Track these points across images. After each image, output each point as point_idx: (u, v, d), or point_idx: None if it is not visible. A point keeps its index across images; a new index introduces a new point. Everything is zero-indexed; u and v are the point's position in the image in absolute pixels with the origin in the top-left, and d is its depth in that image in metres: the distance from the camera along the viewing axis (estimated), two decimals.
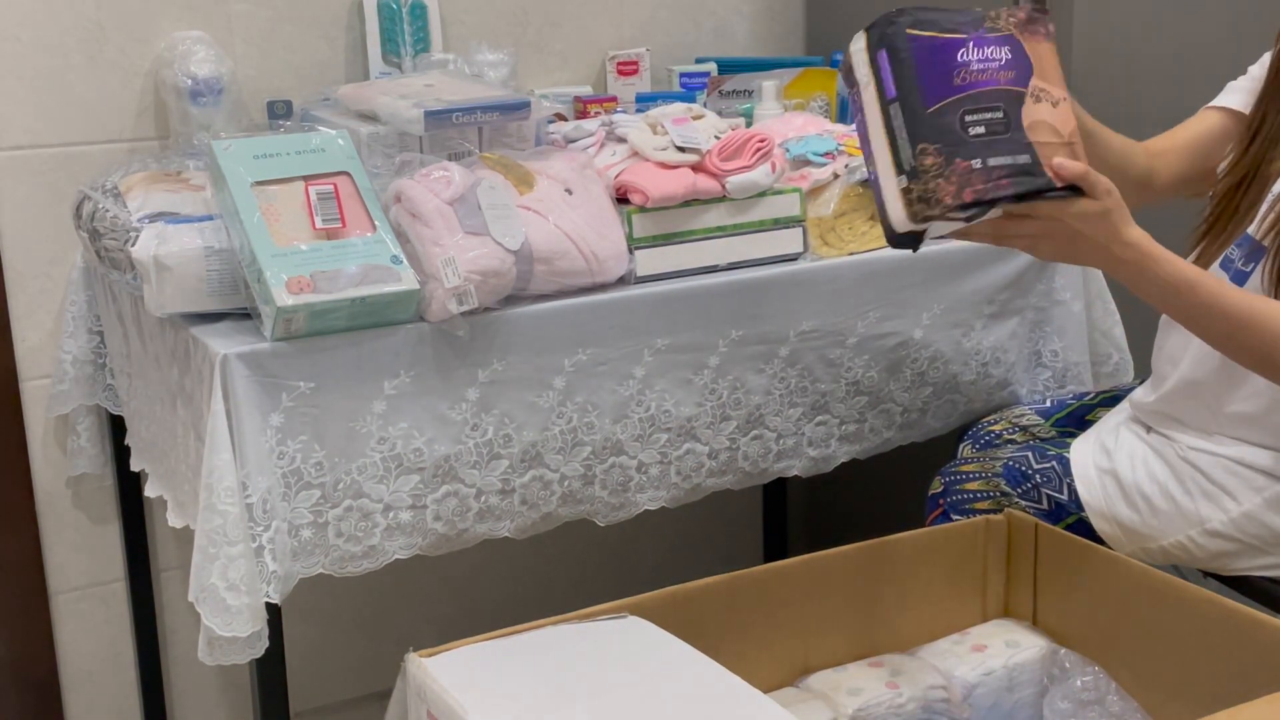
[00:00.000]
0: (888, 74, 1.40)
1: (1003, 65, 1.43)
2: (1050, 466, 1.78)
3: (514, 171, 1.72)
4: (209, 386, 1.54)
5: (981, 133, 1.39)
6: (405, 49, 2.19)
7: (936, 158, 1.37)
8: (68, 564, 2.19)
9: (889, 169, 1.40)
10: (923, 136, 1.38)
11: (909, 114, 1.39)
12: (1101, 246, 1.46)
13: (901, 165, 1.39)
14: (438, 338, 1.63)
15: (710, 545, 2.71)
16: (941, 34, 1.42)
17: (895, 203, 1.40)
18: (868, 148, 1.44)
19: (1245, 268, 1.59)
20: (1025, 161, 1.40)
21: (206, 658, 1.55)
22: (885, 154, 1.40)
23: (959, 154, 1.38)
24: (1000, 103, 1.42)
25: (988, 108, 1.41)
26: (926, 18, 1.42)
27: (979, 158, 1.38)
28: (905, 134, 1.39)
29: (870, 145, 1.43)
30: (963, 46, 1.41)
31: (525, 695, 1.30)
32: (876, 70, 1.41)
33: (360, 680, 2.44)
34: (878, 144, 1.42)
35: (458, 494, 1.67)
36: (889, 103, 1.40)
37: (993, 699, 1.63)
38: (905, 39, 1.40)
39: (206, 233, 1.61)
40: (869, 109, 1.43)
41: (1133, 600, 1.58)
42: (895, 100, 1.39)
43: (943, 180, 1.37)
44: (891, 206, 1.41)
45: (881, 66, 1.40)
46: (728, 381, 1.82)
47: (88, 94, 2.07)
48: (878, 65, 1.41)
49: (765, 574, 1.61)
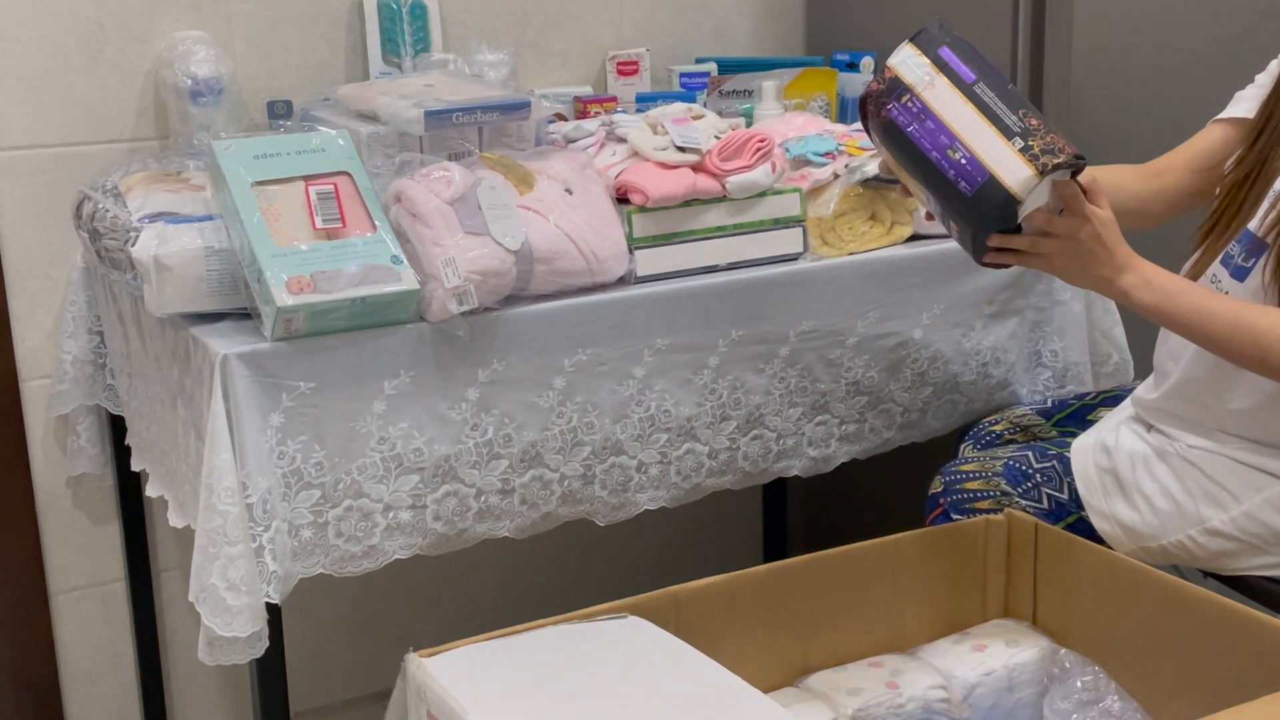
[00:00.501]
0: (959, 63, 1.51)
1: None
2: (1050, 466, 1.78)
3: (514, 171, 1.73)
4: (209, 386, 1.54)
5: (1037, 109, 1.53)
6: (405, 49, 2.19)
7: (1037, 119, 1.49)
8: (68, 564, 2.19)
9: (996, 139, 1.48)
10: (1018, 104, 1.50)
11: (997, 89, 1.50)
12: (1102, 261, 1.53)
13: (1011, 130, 1.48)
14: (438, 338, 1.63)
15: (710, 545, 2.72)
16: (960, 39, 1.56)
17: (1015, 164, 1.47)
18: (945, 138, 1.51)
19: (1245, 263, 1.59)
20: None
21: (206, 658, 1.55)
22: (986, 128, 1.49)
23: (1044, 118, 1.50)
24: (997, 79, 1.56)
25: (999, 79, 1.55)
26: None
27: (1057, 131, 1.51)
28: (1003, 105, 1.49)
29: (953, 132, 1.50)
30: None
31: (525, 695, 1.30)
32: (943, 65, 1.52)
33: (360, 680, 2.44)
34: (970, 124, 1.50)
35: (458, 494, 1.67)
36: (971, 85, 1.51)
37: (993, 699, 1.63)
38: (957, 37, 1.53)
39: (206, 233, 1.61)
40: (943, 101, 1.51)
41: (1133, 600, 1.58)
42: (978, 81, 1.51)
43: (1054, 134, 1.48)
44: (1011, 169, 1.47)
45: (949, 60, 1.52)
46: (728, 381, 1.82)
47: (88, 94, 2.07)
48: (943, 60, 1.52)
49: (765, 574, 1.61)
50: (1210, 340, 1.54)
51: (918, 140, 1.52)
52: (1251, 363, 1.53)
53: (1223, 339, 1.53)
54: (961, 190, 1.50)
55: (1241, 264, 1.60)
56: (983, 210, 1.50)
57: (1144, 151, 1.92)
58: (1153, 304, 1.55)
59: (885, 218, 1.93)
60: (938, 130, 1.51)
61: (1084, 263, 1.54)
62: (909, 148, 1.54)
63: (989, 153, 1.49)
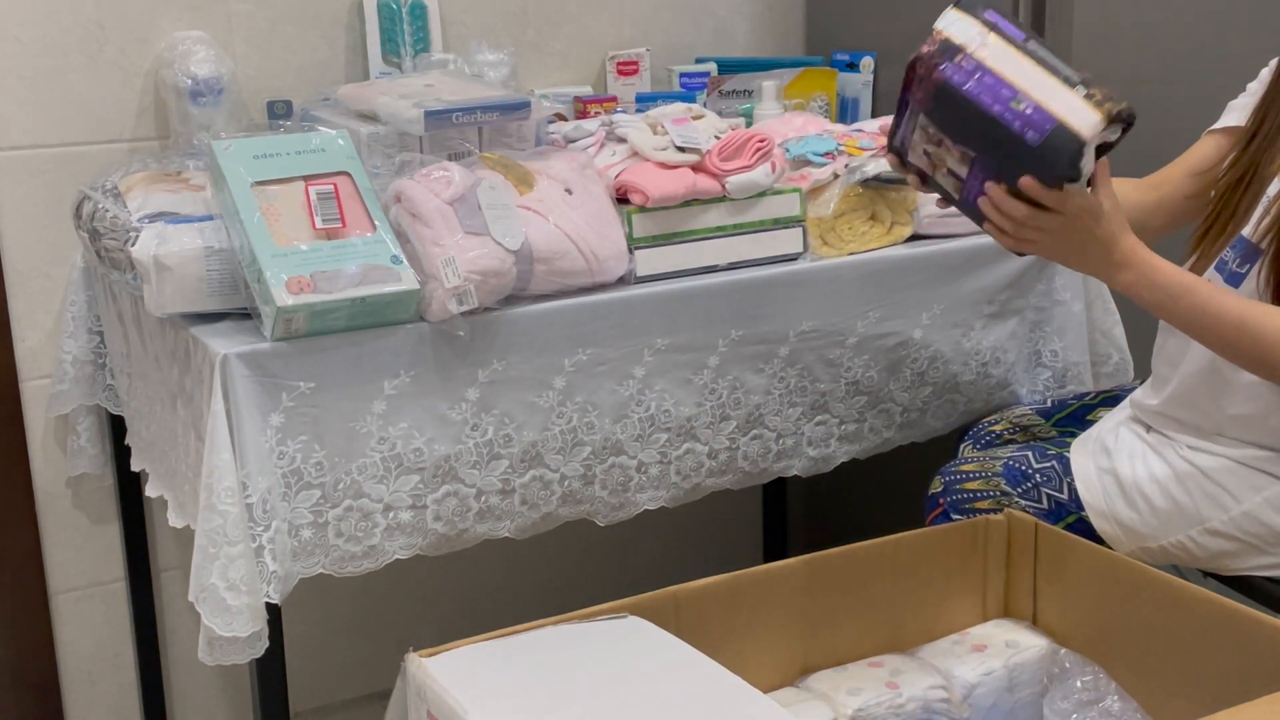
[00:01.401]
0: (1007, 24, 1.52)
1: None
2: (1050, 466, 1.78)
3: (514, 171, 1.73)
4: (209, 386, 1.54)
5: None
6: (405, 49, 2.19)
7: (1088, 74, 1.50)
8: (68, 564, 2.19)
9: (1059, 89, 1.49)
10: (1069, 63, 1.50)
11: (1046, 47, 1.51)
12: (1103, 252, 1.52)
13: (1072, 80, 1.49)
14: (438, 338, 1.63)
15: (710, 545, 2.71)
16: None
17: (1082, 109, 1.48)
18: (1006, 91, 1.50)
19: (1240, 269, 1.59)
20: None
21: (206, 658, 1.55)
22: (1048, 79, 1.50)
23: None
24: None
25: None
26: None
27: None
28: (1056, 59, 1.51)
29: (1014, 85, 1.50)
30: None
31: (525, 695, 1.30)
32: (993, 25, 1.53)
33: (360, 680, 2.44)
34: (1032, 77, 1.50)
35: (458, 494, 1.67)
36: (1025, 41, 1.52)
37: (993, 699, 1.63)
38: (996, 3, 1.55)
39: (206, 233, 1.61)
40: (998, 58, 1.52)
41: (1133, 600, 1.58)
42: (1030, 38, 1.52)
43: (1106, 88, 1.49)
44: (1078, 113, 1.48)
45: (997, 21, 1.53)
46: (727, 381, 1.82)
47: (88, 94, 2.07)
48: (992, 21, 1.53)
49: (765, 574, 1.61)
50: (1212, 340, 1.54)
51: (977, 96, 1.51)
52: (1251, 363, 1.53)
53: (1225, 340, 1.53)
54: (1029, 140, 1.49)
55: (1236, 270, 1.60)
56: (1049, 159, 1.49)
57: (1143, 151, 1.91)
58: (1154, 302, 1.54)
59: (885, 218, 1.93)
60: (998, 84, 1.51)
61: (1078, 256, 1.54)
62: (965, 107, 1.51)
63: (1055, 101, 1.48)
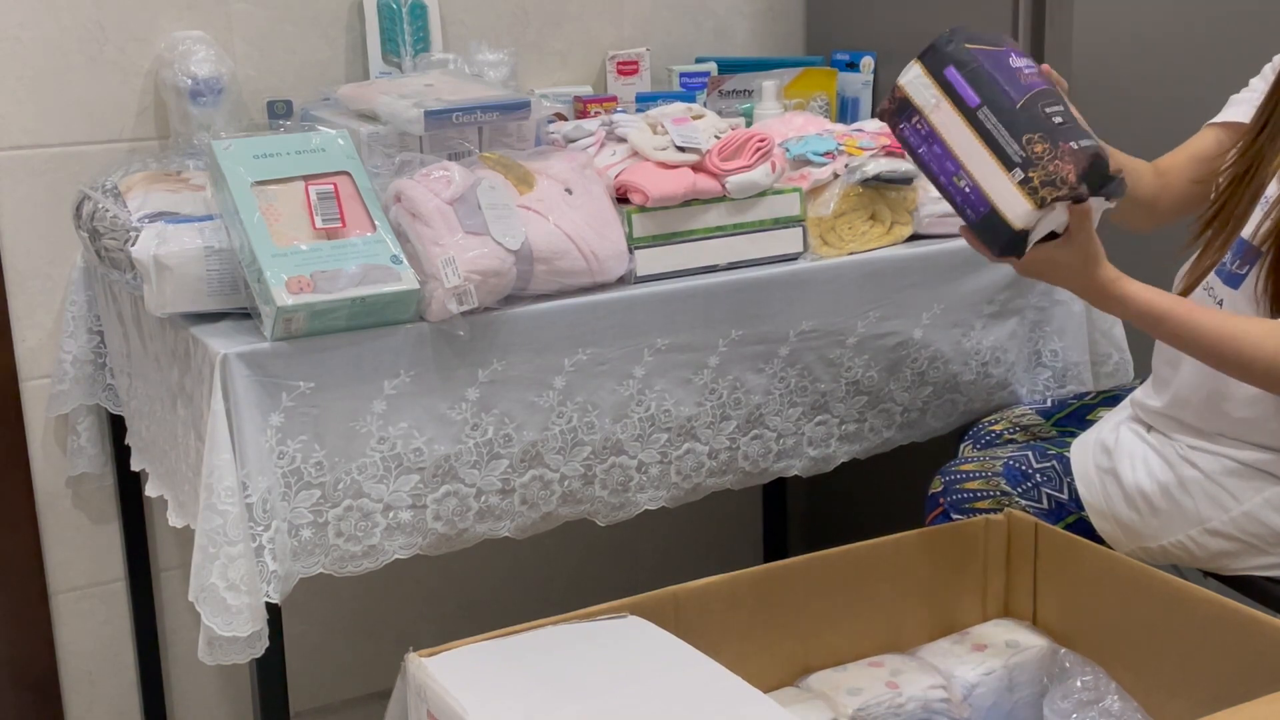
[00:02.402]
0: (964, 86, 1.48)
1: (1036, 72, 1.53)
2: (1050, 466, 1.78)
3: (514, 171, 1.73)
4: (209, 386, 1.54)
5: (1061, 121, 1.48)
6: (405, 49, 2.19)
7: (1044, 144, 1.45)
8: (68, 564, 2.19)
9: (997, 170, 1.47)
10: (1024, 129, 1.46)
11: (1001, 113, 1.47)
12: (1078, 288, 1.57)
13: (1011, 160, 1.46)
14: (438, 338, 1.63)
15: (710, 545, 2.71)
16: (991, 46, 1.51)
17: (1014, 197, 1.46)
18: (950, 165, 1.50)
19: (1239, 271, 1.60)
20: (1096, 144, 1.49)
21: (206, 657, 1.55)
22: (987, 158, 1.47)
23: (1059, 138, 1.46)
24: (1056, 99, 1.51)
25: (1052, 102, 1.50)
26: (972, 34, 1.52)
27: (1073, 140, 1.47)
28: (1005, 132, 1.46)
29: (958, 160, 1.49)
30: (1009, 55, 1.51)
31: (525, 695, 1.30)
32: (948, 87, 1.49)
33: (360, 680, 2.44)
34: (972, 153, 1.48)
35: (458, 494, 1.67)
36: (975, 110, 1.48)
37: (993, 699, 1.63)
38: (968, 52, 1.49)
39: (206, 233, 1.61)
40: (948, 126, 1.50)
41: (1133, 600, 1.58)
42: (981, 106, 1.47)
43: (1059, 161, 1.44)
44: (1010, 203, 1.47)
45: (954, 81, 1.48)
46: (728, 381, 1.82)
47: (88, 94, 2.07)
48: (948, 81, 1.49)
49: (765, 574, 1.61)
50: (1199, 356, 1.57)
51: (927, 163, 1.53)
52: (1238, 374, 1.56)
53: (1209, 356, 1.56)
54: (968, 218, 1.51)
55: (1235, 271, 1.60)
56: (986, 239, 1.51)
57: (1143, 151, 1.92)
58: (1141, 326, 1.59)
59: (885, 217, 1.93)
60: (944, 156, 1.50)
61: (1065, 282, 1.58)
62: (922, 167, 1.54)
63: (990, 184, 1.48)
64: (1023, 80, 1.50)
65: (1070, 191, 1.46)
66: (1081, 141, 1.48)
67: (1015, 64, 1.51)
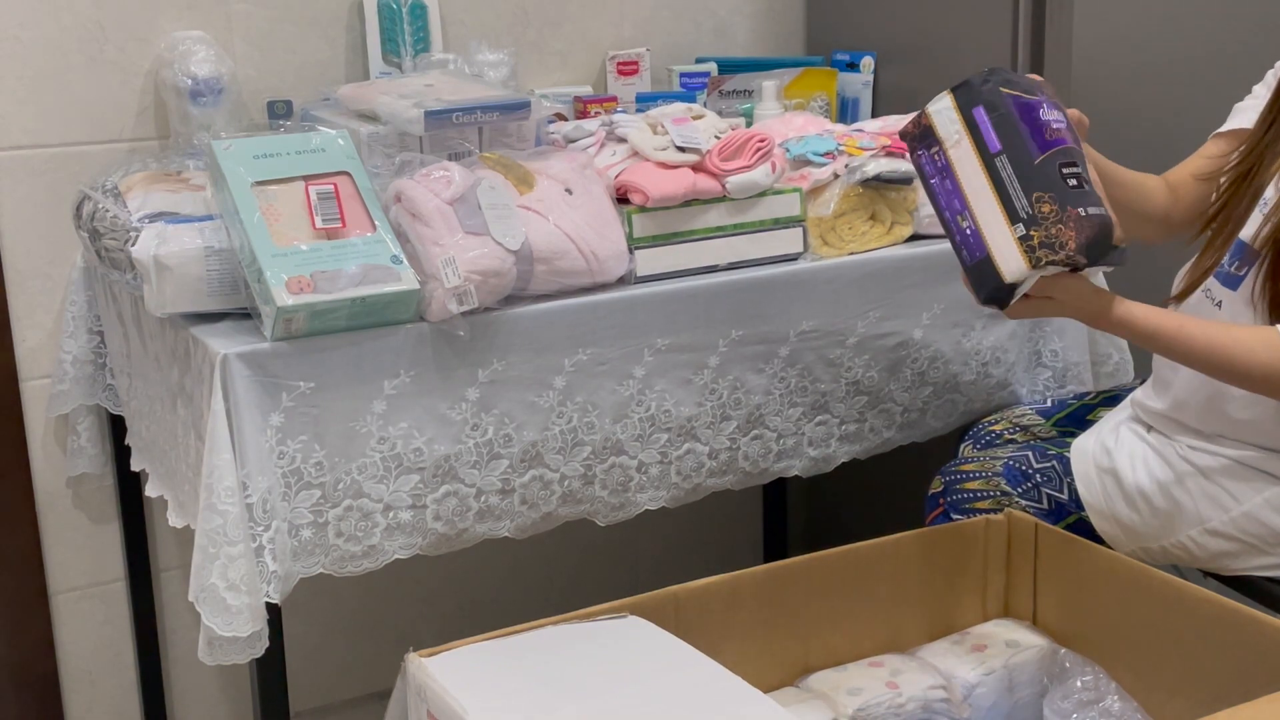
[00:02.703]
0: (989, 129, 1.47)
1: (1066, 126, 1.51)
2: (1050, 466, 1.78)
3: (514, 171, 1.73)
4: (209, 386, 1.54)
5: (1075, 184, 1.47)
6: (405, 49, 2.19)
7: (1052, 205, 1.44)
8: (68, 564, 2.19)
9: (1000, 220, 1.46)
10: (1036, 186, 1.44)
11: (1018, 165, 1.45)
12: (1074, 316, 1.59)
13: (1017, 214, 1.45)
14: (438, 338, 1.63)
15: (710, 545, 2.71)
16: (1026, 94, 1.50)
17: (1011, 251, 1.46)
18: (958, 203, 1.50)
19: (1238, 272, 1.60)
20: (1105, 214, 1.48)
21: (206, 658, 1.55)
22: (994, 205, 1.46)
23: (1069, 202, 1.45)
24: (1077, 159, 1.49)
25: (1072, 162, 1.48)
26: (1011, 78, 1.50)
27: (1083, 206, 1.46)
28: (1018, 184, 1.45)
29: (965, 199, 1.49)
30: (1040, 107, 1.50)
31: (525, 695, 1.30)
32: (973, 126, 1.48)
33: (360, 680, 2.44)
34: (981, 197, 1.47)
35: (458, 494, 1.67)
36: (995, 156, 1.46)
37: (993, 699, 1.63)
38: (1001, 96, 1.48)
39: (206, 233, 1.61)
40: (964, 165, 1.49)
41: (1133, 600, 1.58)
42: (1001, 153, 1.46)
43: (1063, 226, 1.44)
44: (1006, 256, 1.46)
45: (980, 122, 1.47)
46: (728, 381, 1.82)
47: (88, 94, 2.07)
48: (975, 121, 1.47)
49: (765, 574, 1.62)
50: (1196, 366, 1.58)
51: (937, 194, 1.52)
52: (1236, 382, 1.57)
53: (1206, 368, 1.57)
54: (963, 258, 1.51)
55: (1234, 273, 1.60)
56: (975, 283, 1.51)
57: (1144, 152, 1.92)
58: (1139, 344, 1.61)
59: (885, 218, 1.93)
60: (954, 192, 1.50)
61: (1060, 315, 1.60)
62: (931, 197, 1.54)
63: (991, 231, 1.47)
64: (1049, 135, 1.48)
65: (1066, 258, 1.45)
66: (1091, 210, 1.46)
67: (1045, 117, 1.49)
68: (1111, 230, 1.48)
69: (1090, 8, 2.05)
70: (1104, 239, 1.47)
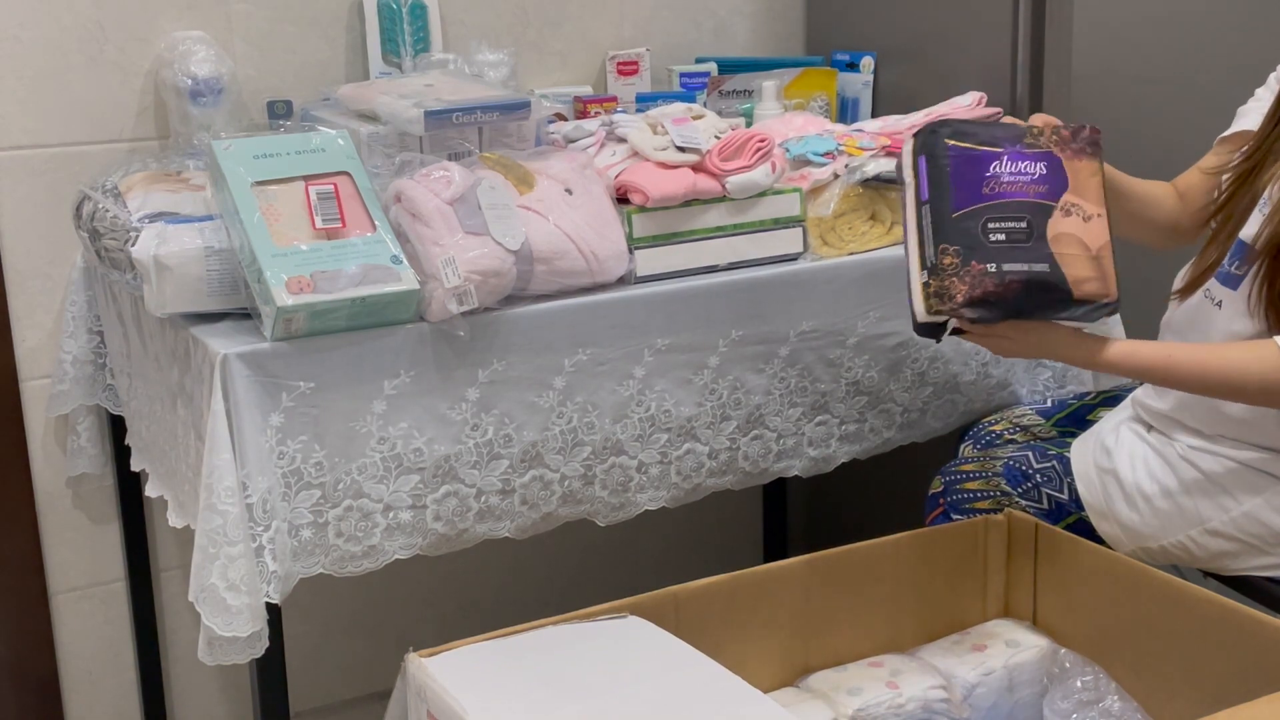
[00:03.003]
0: (924, 178, 1.54)
1: (1035, 179, 1.55)
2: (1050, 466, 1.78)
3: (514, 171, 1.73)
4: (209, 386, 1.54)
5: (1002, 240, 1.52)
6: (405, 49, 2.19)
7: (954, 258, 1.51)
8: (68, 564, 2.19)
9: (916, 264, 1.55)
10: (945, 238, 1.52)
11: (936, 216, 1.53)
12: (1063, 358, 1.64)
13: (925, 261, 1.53)
14: (438, 338, 1.63)
15: (710, 545, 2.71)
16: (978, 146, 1.55)
17: (918, 295, 1.55)
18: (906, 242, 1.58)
19: (1238, 272, 1.60)
20: (1043, 270, 1.52)
21: (206, 658, 1.55)
22: (915, 250, 1.55)
23: (975, 257, 1.51)
24: (1026, 214, 1.54)
25: (1012, 217, 1.53)
26: (967, 129, 1.57)
27: (994, 262, 1.51)
28: (930, 234, 1.53)
29: (906, 240, 1.58)
30: (996, 160, 1.54)
31: (525, 695, 1.30)
32: (916, 174, 1.55)
33: (360, 680, 2.44)
34: (910, 240, 1.56)
35: (458, 494, 1.67)
36: (922, 204, 1.55)
37: (993, 699, 1.63)
38: (944, 148, 1.54)
39: (206, 233, 1.61)
40: (906, 206, 1.58)
41: (1133, 600, 1.58)
42: (927, 203, 1.54)
43: (956, 279, 1.50)
44: (915, 298, 1.56)
45: (920, 171, 1.55)
46: (728, 381, 1.82)
47: (88, 94, 2.07)
48: (917, 169, 1.55)
49: (765, 574, 1.62)
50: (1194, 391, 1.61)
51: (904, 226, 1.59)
52: (1232, 396, 1.58)
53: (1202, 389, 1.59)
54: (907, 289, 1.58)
55: (1234, 272, 1.61)
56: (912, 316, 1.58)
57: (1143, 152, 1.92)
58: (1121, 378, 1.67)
59: (885, 218, 1.93)
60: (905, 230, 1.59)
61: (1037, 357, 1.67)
62: None
63: (911, 272, 1.56)
64: (987, 189, 1.54)
65: (950, 310, 1.52)
66: (1006, 265, 1.51)
67: (997, 170, 1.54)
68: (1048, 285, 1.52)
69: (1090, 8, 2.05)
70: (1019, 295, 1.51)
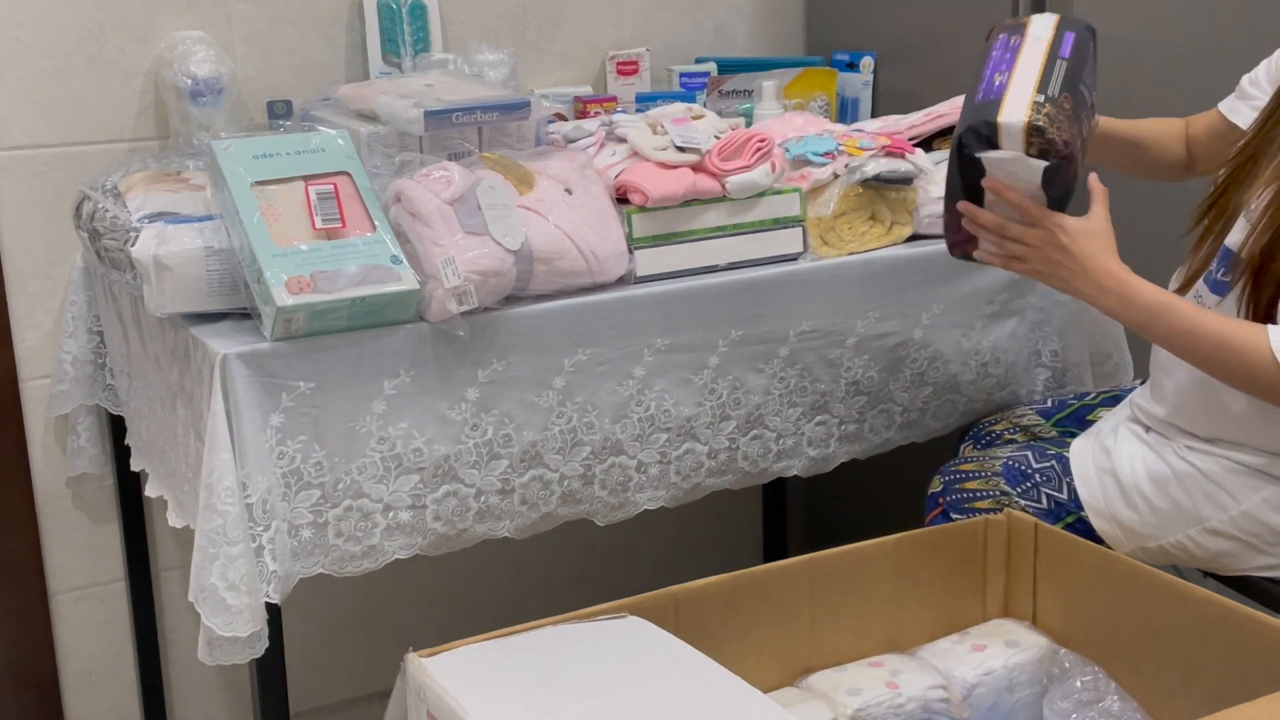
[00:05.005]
0: (1069, 43, 1.66)
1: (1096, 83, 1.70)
2: (1050, 466, 1.78)
3: (514, 171, 1.73)
4: (209, 386, 1.54)
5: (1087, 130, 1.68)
6: (405, 49, 2.19)
7: (1067, 106, 1.60)
8: (68, 564, 2.20)
9: (1032, 85, 1.62)
10: (1070, 90, 1.61)
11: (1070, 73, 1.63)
12: (1085, 272, 1.59)
13: (1047, 89, 1.61)
14: (438, 338, 1.63)
15: (710, 545, 2.72)
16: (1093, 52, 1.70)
17: (1022, 103, 1.60)
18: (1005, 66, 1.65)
19: (1224, 279, 1.60)
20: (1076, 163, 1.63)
21: (206, 658, 1.55)
22: (1034, 77, 1.62)
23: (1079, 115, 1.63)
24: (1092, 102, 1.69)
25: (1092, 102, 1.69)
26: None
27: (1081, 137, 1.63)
28: (1060, 80, 1.62)
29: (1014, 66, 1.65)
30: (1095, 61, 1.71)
31: (525, 695, 1.30)
32: (1059, 38, 1.66)
33: (360, 680, 2.44)
34: (1028, 68, 1.64)
35: (457, 494, 1.67)
36: (1059, 58, 1.64)
37: (993, 699, 1.63)
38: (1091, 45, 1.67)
39: (206, 233, 1.61)
40: (1032, 48, 1.66)
41: (1133, 600, 1.58)
42: (1066, 60, 1.64)
43: (1067, 123, 1.59)
44: (1018, 105, 1.60)
45: (1065, 38, 1.66)
46: (727, 381, 1.82)
47: (88, 94, 2.07)
48: (1062, 36, 1.66)
49: (765, 574, 1.61)
50: (1195, 358, 1.57)
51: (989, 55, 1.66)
52: (1233, 380, 1.55)
53: (1207, 358, 1.55)
54: (975, 97, 1.62)
55: (1221, 279, 1.60)
56: (970, 114, 1.62)
57: None
58: (1137, 323, 1.60)
59: (885, 218, 1.93)
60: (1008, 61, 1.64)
61: (1061, 275, 1.61)
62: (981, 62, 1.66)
63: (1018, 87, 1.61)
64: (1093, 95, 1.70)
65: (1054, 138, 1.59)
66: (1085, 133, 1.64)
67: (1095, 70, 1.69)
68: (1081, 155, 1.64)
69: (1089, 8, 2.05)
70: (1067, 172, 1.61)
